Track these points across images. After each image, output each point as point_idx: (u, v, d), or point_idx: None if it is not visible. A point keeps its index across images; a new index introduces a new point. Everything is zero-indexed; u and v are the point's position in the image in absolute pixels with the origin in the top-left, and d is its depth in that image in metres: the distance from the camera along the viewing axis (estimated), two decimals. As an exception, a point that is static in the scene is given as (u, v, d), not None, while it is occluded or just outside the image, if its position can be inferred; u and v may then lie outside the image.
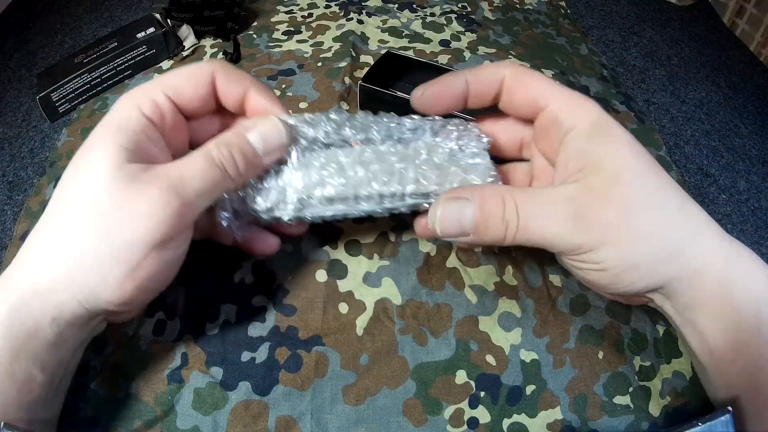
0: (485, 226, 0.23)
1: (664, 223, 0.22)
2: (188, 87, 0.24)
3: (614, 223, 0.22)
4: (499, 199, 0.23)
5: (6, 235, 0.87)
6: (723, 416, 0.20)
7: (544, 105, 0.24)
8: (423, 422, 0.26)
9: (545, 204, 0.23)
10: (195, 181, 0.21)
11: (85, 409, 0.25)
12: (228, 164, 0.23)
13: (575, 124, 0.23)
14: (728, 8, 1.35)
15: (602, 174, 0.22)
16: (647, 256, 0.22)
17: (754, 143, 1.09)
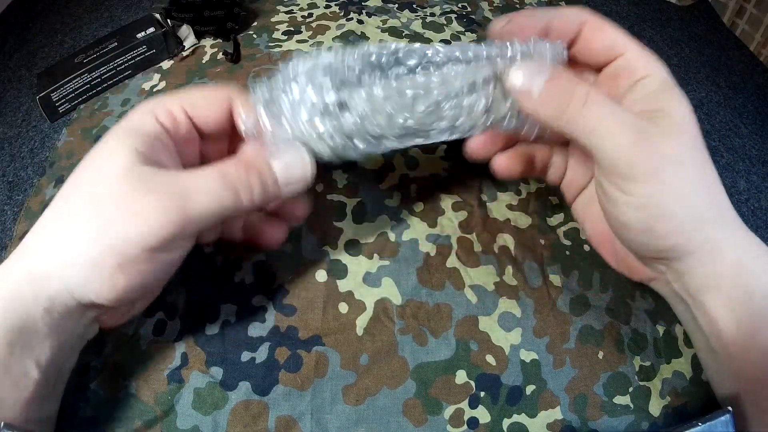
0: (552, 94, 0.23)
1: (706, 182, 0.23)
2: (206, 106, 0.24)
3: (673, 159, 0.22)
4: (576, 80, 0.23)
5: (6, 235, 0.87)
6: (723, 416, 0.20)
7: (622, 52, 0.24)
8: (423, 422, 0.26)
9: (619, 108, 0.22)
10: (203, 198, 0.21)
11: (85, 409, 0.25)
12: (243, 188, 0.22)
13: (649, 74, 0.24)
14: (728, 8, 1.35)
15: (670, 119, 0.22)
16: (689, 210, 0.22)
17: (754, 143, 1.09)
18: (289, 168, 0.23)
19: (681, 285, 0.24)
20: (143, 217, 0.20)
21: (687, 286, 0.24)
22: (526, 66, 0.24)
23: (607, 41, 0.25)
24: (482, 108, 0.24)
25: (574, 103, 0.22)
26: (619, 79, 0.24)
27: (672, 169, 0.22)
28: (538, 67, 0.23)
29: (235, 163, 0.22)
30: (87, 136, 0.39)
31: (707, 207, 0.23)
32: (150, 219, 0.20)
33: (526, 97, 0.23)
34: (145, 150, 0.22)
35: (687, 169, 0.22)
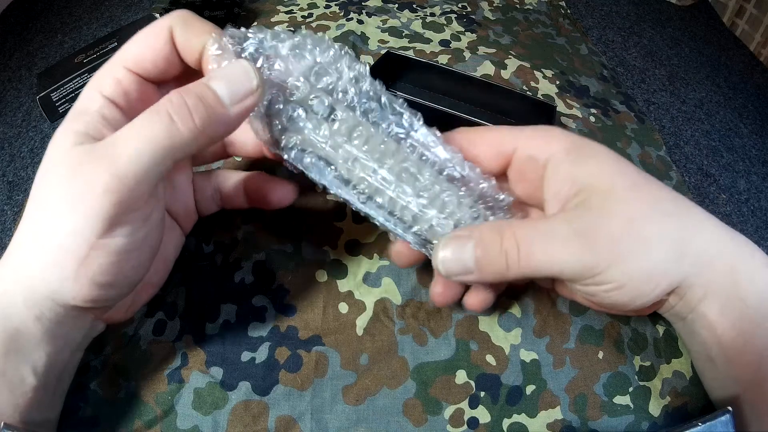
0: (486, 261, 0.22)
1: (667, 226, 0.22)
2: (146, 51, 0.21)
3: (621, 236, 0.21)
4: (497, 232, 0.22)
5: (6, 235, 0.87)
6: (723, 416, 0.20)
7: (512, 148, 0.24)
8: (423, 422, 0.26)
9: (547, 230, 0.22)
10: (129, 145, 0.18)
11: (85, 409, 0.25)
12: (178, 113, 0.19)
13: (552, 154, 0.23)
14: (728, 8, 1.35)
15: (597, 192, 0.22)
16: (660, 262, 0.22)
17: (754, 143, 1.09)
18: (232, 83, 0.20)
19: (683, 303, 0.24)
20: (79, 200, 0.18)
21: (688, 302, 0.24)
22: (447, 242, 0.23)
23: (491, 148, 0.24)
24: (427, 218, 0.24)
25: (511, 256, 0.22)
26: (527, 175, 0.24)
27: (628, 239, 0.22)
28: (459, 240, 0.22)
29: (166, 96, 0.20)
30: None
31: (682, 234, 0.22)
32: (85, 200, 0.18)
33: (464, 276, 0.23)
34: (85, 128, 0.20)
35: (643, 224, 0.22)
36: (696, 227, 0.23)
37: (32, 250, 0.20)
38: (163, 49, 0.22)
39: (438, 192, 0.23)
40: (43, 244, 0.19)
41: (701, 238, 0.23)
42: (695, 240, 0.23)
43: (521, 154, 0.24)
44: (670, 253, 0.22)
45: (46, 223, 0.19)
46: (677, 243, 0.22)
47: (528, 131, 0.24)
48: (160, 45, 0.21)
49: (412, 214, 0.24)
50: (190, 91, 0.19)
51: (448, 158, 0.24)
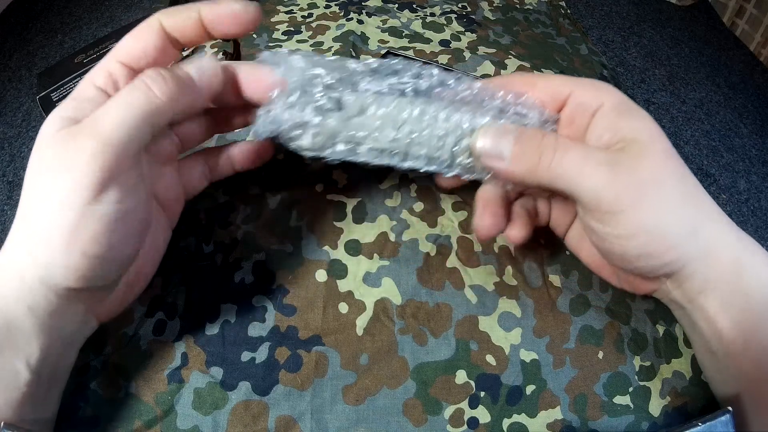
0: (521, 152, 0.23)
1: (690, 194, 0.23)
2: (135, 43, 0.23)
3: (649, 183, 0.22)
4: (539, 132, 0.23)
5: (6, 235, 0.87)
6: (723, 416, 0.20)
7: (567, 93, 0.24)
8: (423, 422, 0.26)
9: (585, 148, 0.23)
10: (110, 114, 0.20)
11: (85, 409, 0.25)
12: (155, 81, 0.21)
13: (602, 104, 0.24)
14: (728, 8, 1.35)
15: (637, 143, 0.22)
16: (676, 227, 0.22)
17: (754, 143, 1.09)
18: (200, 65, 0.23)
19: (681, 292, 0.24)
20: (65, 169, 0.19)
21: (686, 292, 0.24)
22: (492, 130, 0.24)
23: (548, 90, 0.25)
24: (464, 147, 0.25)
25: (545, 156, 0.23)
26: (576, 120, 0.24)
27: (653, 191, 0.22)
28: (503, 129, 0.24)
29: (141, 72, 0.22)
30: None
31: (696, 215, 0.23)
32: (71, 167, 0.19)
33: (496, 161, 0.24)
34: (73, 113, 0.21)
35: (668, 186, 0.22)
36: (708, 217, 0.23)
37: (23, 236, 0.20)
38: (152, 39, 0.23)
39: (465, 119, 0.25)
40: (31, 225, 0.20)
41: (711, 227, 0.23)
42: (705, 228, 0.23)
43: (574, 100, 0.24)
44: (687, 224, 0.23)
45: (36, 202, 0.20)
46: (694, 219, 0.23)
47: (583, 81, 0.25)
48: (149, 36, 0.23)
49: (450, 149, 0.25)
50: (165, 69, 0.22)
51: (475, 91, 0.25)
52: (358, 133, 0.24)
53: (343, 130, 0.24)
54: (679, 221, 0.22)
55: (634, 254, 0.23)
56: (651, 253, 0.23)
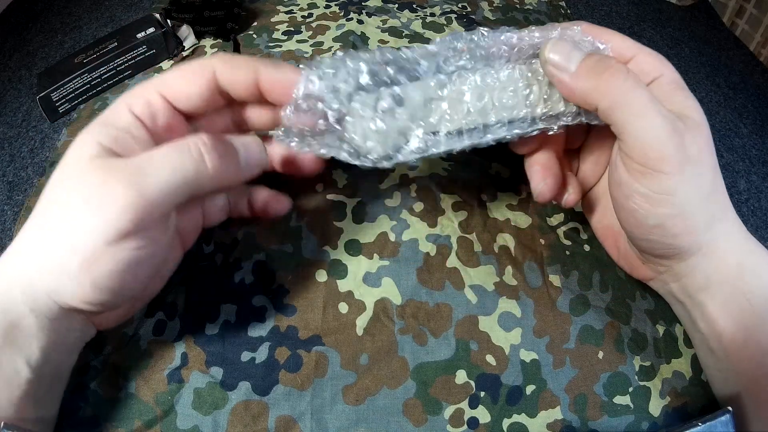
0: (589, 68, 0.22)
1: (716, 185, 0.23)
2: (184, 85, 0.23)
3: (695, 159, 0.22)
4: (613, 59, 0.23)
5: (6, 235, 0.87)
6: (723, 416, 0.20)
7: (630, 56, 0.24)
8: (423, 422, 0.26)
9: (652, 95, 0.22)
10: (157, 173, 0.20)
11: (85, 408, 0.25)
12: (208, 155, 0.20)
13: (661, 74, 0.23)
14: (728, 8, 1.35)
15: (691, 119, 0.22)
16: (703, 211, 0.22)
17: (754, 143, 1.09)
18: (248, 148, 0.23)
19: (679, 286, 0.24)
20: (97, 205, 0.19)
21: (685, 286, 0.24)
22: (562, 42, 0.23)
23: (614, 48, 0.24)
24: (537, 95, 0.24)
25: (613, 76, 0.22)
26: None
27: (694, 168, 0.22)
28: (574, 44, 0.23)
29: (198, 135, 0.21)
30: (87, 136, 0.39)
31: (715, 209, 0.23)
32: (104, 206, 0.19)
33: (561, 71, 0.23)
34: (110, 144, 0.21)
35: (705, 170, 0.22)
36: (723, 215, 0.24)
37: (39, 246, 0.20)
38: (202, 87, 0.23)
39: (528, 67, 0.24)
40: (48, 243, 0.20)
41: (722, 227, 0.23)
42: (717, 225, 0.23)
43: (637, 64, 0.24)
44: (705, 218, 0.23)
45: (58, 221, 0.20)
46: (710, 215, 0.23)
47: (647, 49, 0.24)
48: (200, 83, 0.23)
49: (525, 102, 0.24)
50: (222, 141, 0.22)
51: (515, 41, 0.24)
52: (429, 119, 0.23)
53: (413, 122, 0.23)
54: (704, 209, 0.23)
55: (654, 222, 0.23)
56: (670, 228, 0.22)
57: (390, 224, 0.31)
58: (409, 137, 0.23)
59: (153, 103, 0.22)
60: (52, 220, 0.20)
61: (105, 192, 0.19)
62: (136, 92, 0.23)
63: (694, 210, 0.22)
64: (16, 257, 0.21)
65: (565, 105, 0.24)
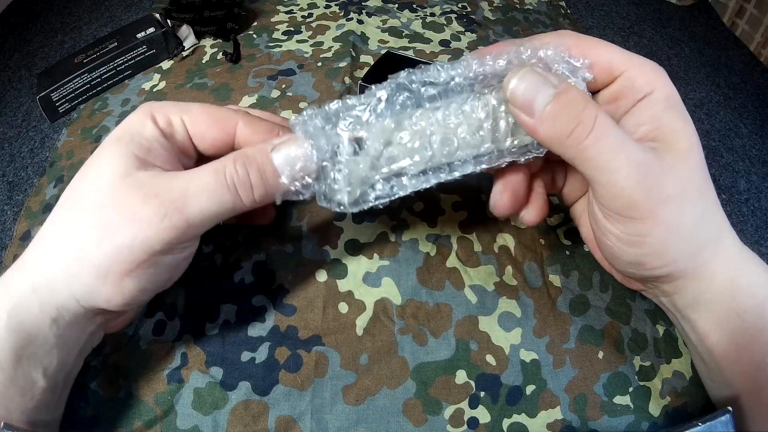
0: (556, 114, 0.20)
1: (704, 216, 0.22)
2: (204, 127, 0.23)
3: (671, 201, 0.21)
4: (583, 98, 0.21)
5: (6, 235, 0.87)
6: (723, 416, 0.20)
7: (622, 70, 0.22)
8: (423, 422, 0.26)
9: (624, 137, 0.21)
10: (200, 201, 0.21)
11: (85, 409, 0.25)
12: (242, 186, 0.22)
13: (652, 90, 0.22)
14: (728, 8, 1.35)
15: (674, 150, 0.21)
16: (680, 246, 0.22)
17: (754, 143, 1.09)
18: (292, 162, 0.22)
19: (669, 301, 0.24)
20: (144, 222, 0.20)
21: (675, 303, 0.24)
22: (529, 75, 0.21)
23: (602, 63, 0.23)
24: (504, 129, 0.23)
25: (581, 129, 0.20)
26: (620, 100, 0.23)
27: (672, 207, 0.21)
28: (542, 79, 0.21)
29: (233, 158, 0.22)
30: (87, 136, 0.39)
31: (706, 236, 0.22)
32: (151, 224, 0.20)
33: (525, 111, 0.21)
34: (143, 154, 0.22)
35: (687, 203, 0.21)
36: (714, 238, 0.23)
37: (61, 254, 0.21)
38: (219, 137, 0.24)
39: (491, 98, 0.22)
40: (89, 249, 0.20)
41: (717, 248, 0.23)
42: (712, 247, 0.22)
43: (627, 80, 0.22)
44: (692, 246, 0.22)
45: (98, 231, 0.20)
46: (701, 240, 0.22)
47: (641, 61, 0.23)
48: (219, 133, 0.24)
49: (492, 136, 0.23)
50: (253, 165, 0.22)
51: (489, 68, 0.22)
52: (393, 165, 0.23)
53: (375, 168, 0.22)
54: (685, 243, 0.22)
55: (629, 260, 0.23)
56: (644, 264, 0.22)
57: (390, 224, 0.31)
58: (373, 183, 0.23)
59: (174, 125, 0.23)
60: (85, 227, 0.21)
61: (151, 212, 0.20)
62: (162, 107, 0.23)
63: (673, 246, 0.22)
64: (30, 269, 0.21)
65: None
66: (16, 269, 0.21)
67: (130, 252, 0.20)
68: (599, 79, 0.23)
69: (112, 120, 0.39)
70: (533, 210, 0.26)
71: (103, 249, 0.20)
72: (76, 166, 0.36)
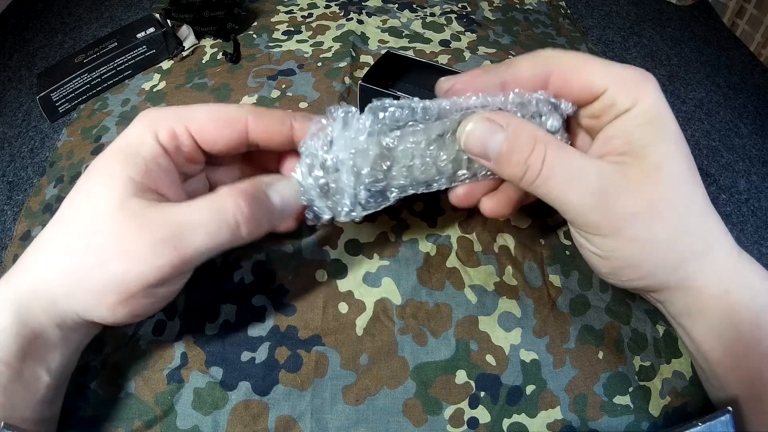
0: (507, 160, 0.22)
1: (681, 231, 0.22)
2: (214, 130, 0.23)
3: (637, 218, 0.21)
4: (531, 140, 0.22)
5: (6, 235, 0.87)
6: (723, 416, 0.20)
7: (603, 89, 0.22)
8: (423, 422, 0.26)
9: (577, 167, 0.22)
10: (196, 238, 0.20)
11: (85, 409, 0.25)
12: (246, 223, 0.21)
13: (632, 106, 0.22)
14: (728, 8, 1.35)
15: (642, 165, 0.21)
16: (654, 261, 0.22)
17: (754, 143, 1.09)
18: (286, 199, 0.23)
19: (662, 307, 0.24)
20: (138, 257, 0.20)
21: (668, 310, 0.24)
22: (482, 122, 0.22)
23: (582, 84, 0.23)
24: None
25: (532, 169, 0.22)
26: (603, 117, 0.23)
27: (640, 222, 0.21)
28: (493, 125, 0.22)
29: (231, 191, 0.21)
30: (87, 136, 0.39)
31: (689, 249, 0.22)
32: (145, 259, 0.20)
33: (480, 157, 0.23)
34: (141, 178, 0.21)
35: (661, 218, 0.21)
36: (707, 244, 0.22)
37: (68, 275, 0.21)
38: (231, 138, 0.23)
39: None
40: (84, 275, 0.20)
41: (706, 259, 0.22)
42: (699, 259, 0.22)
43: (608, 97, 0.22)
44: (668, 260, 0.22)
45: (93, 259, 0.20)
46: (681, 254, 0.22)
47: (621, 75, 0.22)
48: (230, 134, 0.23)
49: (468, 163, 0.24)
50: (259, 202, 0.22)
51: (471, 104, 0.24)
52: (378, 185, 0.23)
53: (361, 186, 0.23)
54: (659, 257, 0.22)
55: (606, 271, 0.23)
56: (620, 276, 0.23)
57: (390, 224, 0.31)
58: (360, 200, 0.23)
59: (179, 136, 0.22)
60: (82, 252, 0.20)
61: (145, 250, 0.20)
62: (163, 117, 0.22)
63: (646, 260, 0.22)
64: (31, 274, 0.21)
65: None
66: (20, 272, 0.21)
67: (124, 284, 0.20)
68: (581, 99, 0.23)
69: (112, 120, 0.39)
70: (496, 201, 0.25)
71: (97, 277, 0.20)
72: (76, 166, 0.36)
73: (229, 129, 0.23)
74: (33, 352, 0.20)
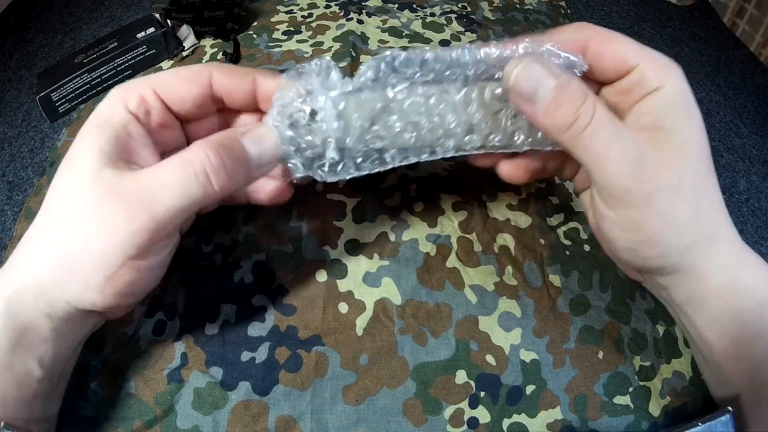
0: (556, 106, 0.21)
1: (699, 213, 0.22)
2: (180, 86, 0.23)
3: (666, 192, 0.21)
4: (582, 93, 0.21)
5: (6, 235, 0.87)
6: (723, 416, 0.20)
7: (634, 65, 0.23)
8: (423, 422, 0.26)
9: (622, 131, 0.22)
10: (166, 197, 0.20)
11: (85, 408, 0.25)
12: (217, 175, 0.20)
13: (662, 85, 0.22)
14: (728, 8, 1.35)
15: (674, 141, 0.22)
16: (678, 238, 0.22)
17: (754, 143, 1.09)
18: (262, 145, 0.22)
19: (667, 294, 0.24)
20: (115, 226, 0.20)
21: (672, 297, 0.24)
22: (531, 65, 0.22)
23: (616, 56, 0.23)
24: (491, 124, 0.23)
25: (579, 122, 0.21)
26: (631, 93, 0.23)
27: (667, 198, 0.21)
28: (545, 70, 0.21)
29: (201, 145, 0.21)
30: (87, 136, 0.39)
31: (699, 233, 0.22)
32: (121, 226, 0.20)
33: (526, 100, 0.22)
34: (110, 147, 0.21)
35: (684, 197, 0.22)
36: (715, 232, 0.23)
37: (53, 261, 0.20)
38: (196, 92, 0.23)
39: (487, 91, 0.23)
40: (68, 257, 0.20)
41: (713, 247, 0.23)
42: (707, 246, 0.23)
43: (639, 74, 0.23)
44: (685, 240, 0.22)
45: (72, 239, 0.20)
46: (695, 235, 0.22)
47: (652, 54, 0.23)
48: (195, 88, 0.23)
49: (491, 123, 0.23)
50: (229, 151, 0.21)
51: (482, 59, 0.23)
52: (378, 144, 0.22)
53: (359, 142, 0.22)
54: (677, 236, 0.22)
55: (622, 245, 0.23)
56: (637, 252, 0.23)
57: (390, 224, 0.31)
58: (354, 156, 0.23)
59: (147, 100, 0.22)
60: (63, 234, 0.20)
61: (119, 217, 0.20)
62: (130, 87, 0.22)
63: (665, 238, 0.22)
64: (20, 267, 0.21)
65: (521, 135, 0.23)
66: (11, 268, 0.21)
67: (106, 259, 0.20)
68: (613, 72, 0.23)
69: (112, 120, 0.39)
70: (512, 165, 0.26)
71: (82, 256, 0.20)
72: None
73: (194, 83, 0.23)
74: (24, 344, 0.20)
